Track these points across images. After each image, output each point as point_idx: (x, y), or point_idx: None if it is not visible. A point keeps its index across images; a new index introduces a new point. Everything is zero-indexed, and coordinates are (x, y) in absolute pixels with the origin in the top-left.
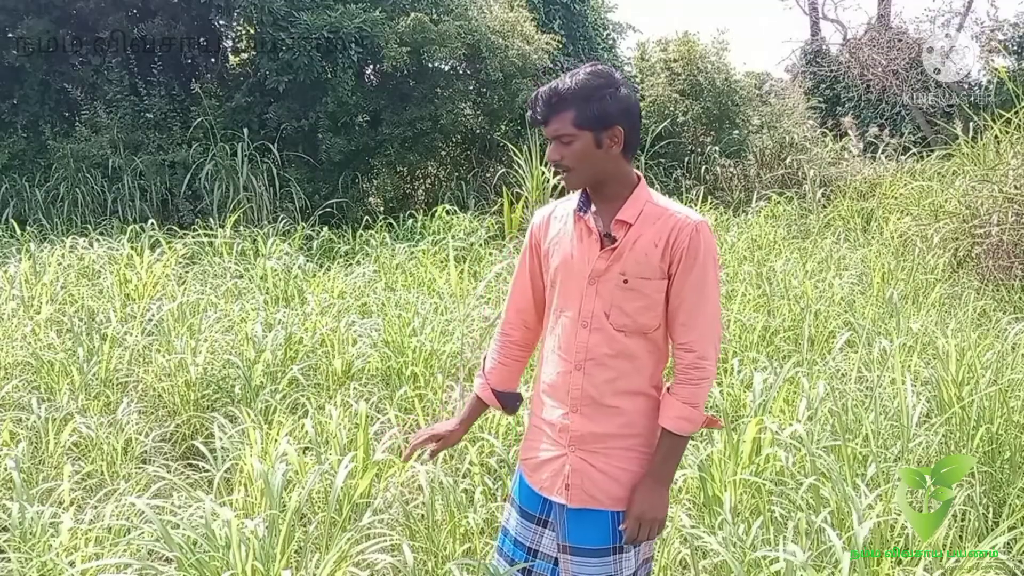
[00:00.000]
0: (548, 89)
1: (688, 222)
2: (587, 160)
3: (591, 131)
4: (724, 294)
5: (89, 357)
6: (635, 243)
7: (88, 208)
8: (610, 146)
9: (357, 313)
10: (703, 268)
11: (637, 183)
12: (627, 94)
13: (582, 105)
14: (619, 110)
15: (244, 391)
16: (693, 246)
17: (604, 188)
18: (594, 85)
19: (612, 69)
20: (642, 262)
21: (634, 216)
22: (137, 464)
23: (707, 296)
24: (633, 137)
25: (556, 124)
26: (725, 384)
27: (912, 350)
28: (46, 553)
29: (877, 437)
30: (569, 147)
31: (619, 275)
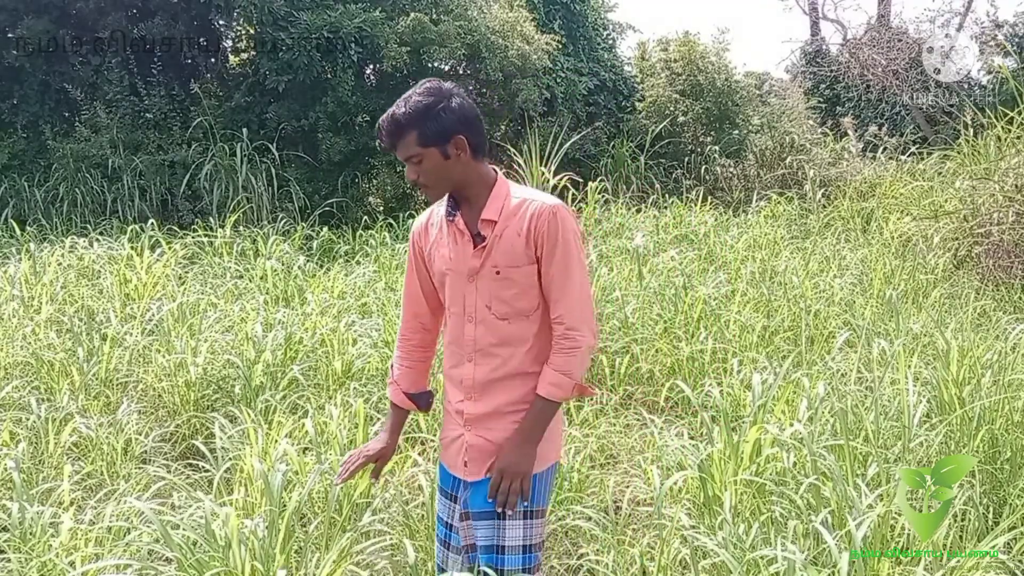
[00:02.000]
0: (387, 118)
1: (544, 207)
2: (440, 173)
3: (435, 147)
4: (724, 294)
5: (89, 357)
6: (501, 236)
7: (88, 208)
8: (457, 155)
9: (357, 313)
10: (565, 246)
11: (495, 180)
12: (460, 103)
13: (420, 126)
14: (455, 120)
15: (244, 391)
16: (552, 229)
17: (465, 192)
18: (427, 104)
19: (441, 83)
20: (509, 252)
21: (497, 212)
22: (137, 464)
23: (571, 272)
24: (477, 139)
25: (403, 148)
26: (725, 384)
27: (912, 351)
28: (46, 553)
29: (877, 437)
30: (420, 166)
31: (492, 268)
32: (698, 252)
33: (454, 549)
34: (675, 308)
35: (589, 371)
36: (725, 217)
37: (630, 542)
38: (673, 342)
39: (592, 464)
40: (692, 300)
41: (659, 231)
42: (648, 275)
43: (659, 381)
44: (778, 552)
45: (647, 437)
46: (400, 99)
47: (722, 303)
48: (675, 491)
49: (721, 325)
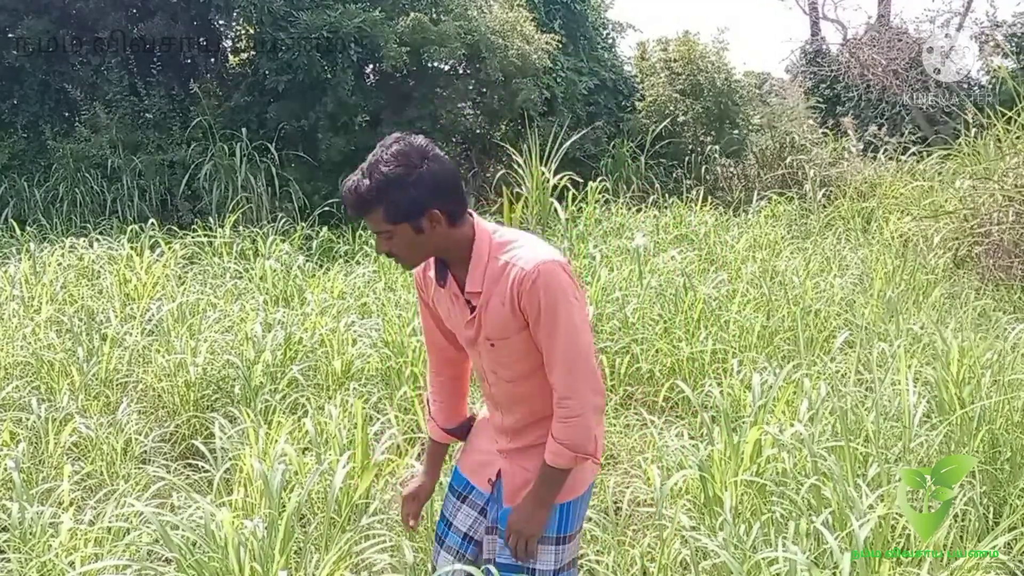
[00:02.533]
0: (351, 191)
1: (524, 273)
2: (413, 248)
3: (406, 222)
4: (725, 293)
5: (89, 357)
6: (488, 307)
7: (87, 208)
8: (432, 227)
9: (357, 313)
10: (550, 311)
11: (474, 239)
12: (432, 170)
13: (387, 202)
14: (428, 192)
15: (244, 391)
16: (534, 295)
17: (447, 256)
18: (394, 177)
19: (412, 144)
20: (498, 324)
21: (480, 281)
22: (137, 464)
23: (558, 337)
24: (453, 207)
25: (371, 224)
26: (725, 384)
27: (912, 351)
28: (46, 553)
29: (878, 438)
30: (391, 240)
31: (486, 341)
32: (698, 252)
33: (447, 548)
34: (675, 308)
35: None
36: (725, 217)
37: (630, 543)
38: (673, 342)
39: None
40: (692, 300)
41: (659, 231)
42: (648, 275)
43: (659, 381)
44: (779, 553)
45: (647, 437)
46: (367, 164)
47: (722, 303)
48: (676, 491)
49: (721, 325)
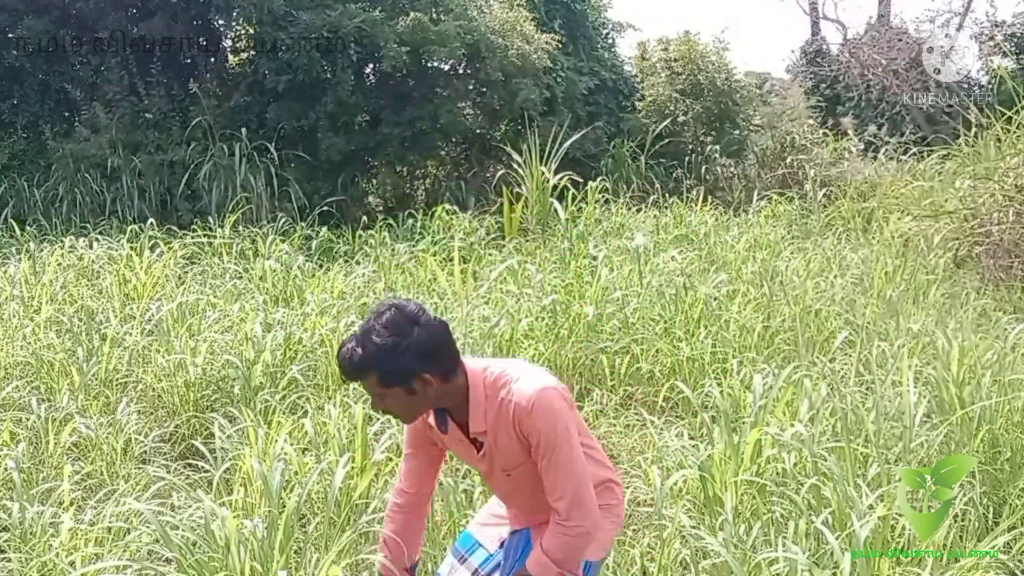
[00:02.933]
0: (346, 359)
1: (520, 406)
2: (408, 407)
3: (399, 386)
4: (726, 293)
5: (89, 357)
6: (496, 442)
7: (87, 208)
8: (425, 388)
9: (356, 313)
10: (546, 437)
11: (467, 386)
12: (422, 338)
13: (380, 369)
14: (418, 359)
15: (243, 391)
16: (531, 425)
17: (444, 406)
18: (388, 347)
19: (403, 310)
20: (510, 455)
21: (483, 422)
22: (137, 464)
23: (558, 462)
24: (445, 367)
25: (365, 387)
26: (725, 385)
27: (912, 351)
28: (46, 553)
29: (878, 438)
30: (385, 401)
31: (501, 472)
32: (698, 252)
33: None
34: (675, 308)
35: (590, 371)
36: (725, 217)
37: (630, 542)
38: (673, 342)
39: None
40: (692, 300)
41: (659, 231)
42: (649, 275)
43: (659, 381)
44: (779, 553)
45: (647, 437)
46: (360, 332)
47: (723, 303)
48: (675, 492)
49: (721, 325)
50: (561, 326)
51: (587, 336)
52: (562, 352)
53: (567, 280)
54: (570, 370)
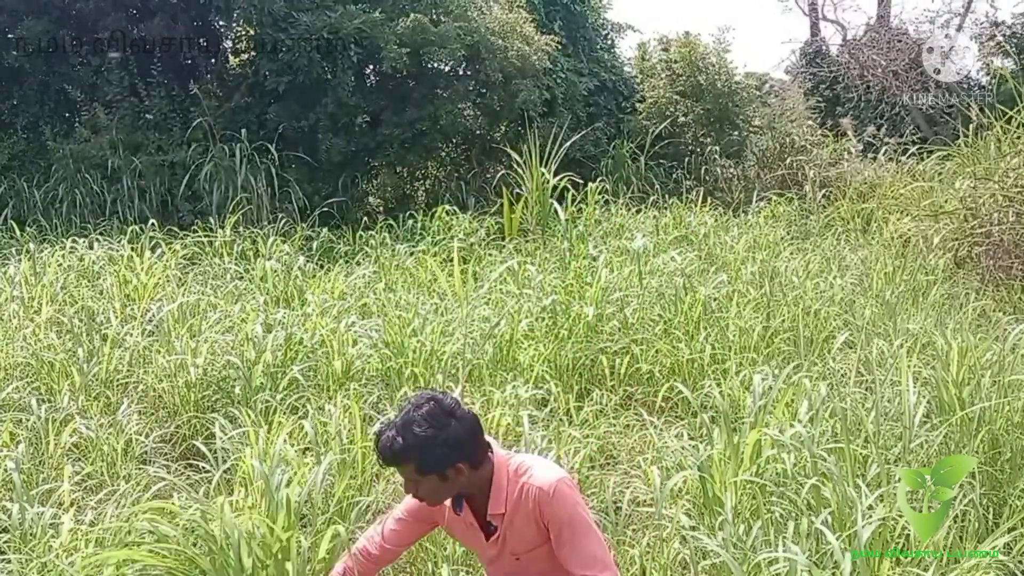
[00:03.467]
0: (386, 447)
1: (541, 492)
2: (439, 492)
3: (434, 474)
4: (725, 294)
5: (89, 358)
6: (512, 525)
7: (87, 209)
8: (457, 476)
9: (357, 314)
10: (570, 522)
11: (493, 472)
12: (458, 429)
13: (419, 459)
14: (454, 450)
15: (244, 392)
16: (554, 512)
17: (470, 491)
18: (425, 438)
19: (441, 403)
20: (524, 539)
21: (502, 505)
22: (137, 465)
23: (582, 541)
24: (475, 457)
25: (401, 472)
26: (725, 386)
27: (912, 351)
28: (46, 554)
29: (878, 438)
30: (419, 486)
31: (511, 556)
32: (698, 253)
33: None
34: (675, 309)
35: (589, 371)
36: (725, 218)
37: (630, 542)
38: (673, 343)
39: (592, 465)
40: (692, 301)
41: (659, 232)
42: (648, 276)
43: (659, 382)
44: (780, 553)
45: (647, 438)
46: (399, 420)
47: (722, 304)
48: (675, 492)
49: (721, 327)
50: (561, 326)
51: (587, 336)
52: (562, 352)
53: (567, 281)
54: (570, 370)
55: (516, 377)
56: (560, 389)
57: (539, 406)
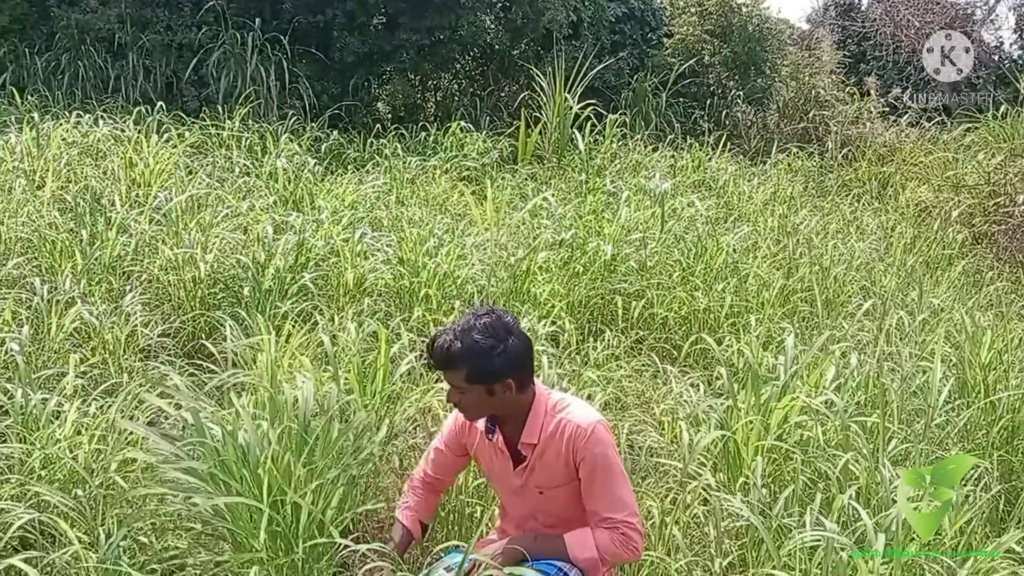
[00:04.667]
0: (441, 348)
1: (580, 429)
2: (481, 405)
3: (482, 384)
4: (746, 248)
5: (92, 241)
6: (542, 458)
7: (90, 83)
8: (503, 392)
9: (369, 225)
10: (603, 458)
11: (533, 400)
12: (515, 345)
13: (472, 365)
14: (508, 364)
15: (253, 294)
16: (590, 451)
17: (504, 414)
18: (484, 347)
19: (502, 318)
20: (551, 473)
21: (536, 435)
22: (140, 358)
23: (615, 485)
24: (525, 377)
25: (450, 378)
26: (743, 340)
27: (932, 327)
28: (50, 445)
29: (901, 412)
30: (464, 395)
31: (535, 488)
32: (716, 200)
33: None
34: (696, 256)
35: (602, 311)
36: (743, 166)
37: (646, 492)
38: (691, 291)
39: (604, 409)
40: (715, 249)
41: (675, 173)
42: (669, 219)
43: (672, 329)
44: (823, 533)
45: (659, 385)
46: (458, 326)
47: (742, 256)
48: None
49: (741, 278)
50: (576, 261)
51: (602, 275)
52: (576, 289)
53: (584, 215)
54: (582, 308)
55: (531, 310)
56: (573, 326)
57: (552, 343)
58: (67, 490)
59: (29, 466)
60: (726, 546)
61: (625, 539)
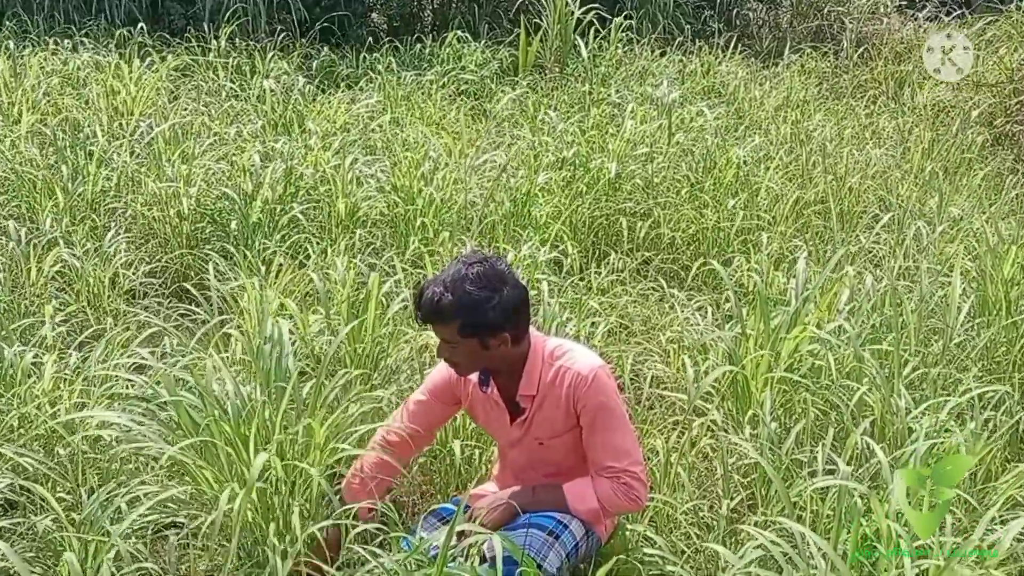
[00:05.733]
0: (429, 300)
1: (580, 377)
2: (475, 359)
3: (475, 338)
4: (756, 159)
5: (74, 177)
6: (541, 408)
7: (71, 3)
8: (498, 345)
9: (362, 149)
10: (604, 406)
11: (529, 350)
12: (511, 296)
13: (464, 319)
14: (503, 316)
15: (241, 227)
16: (591, 398)
17: (499, 368)
18: (477, 299)
19: (495, 266)
20: (551, 424)
21: (535, 386)
22: (125, 299)
23: (612, 425)
24: (521, 330)
25: (440, 332)
26: (753, 260)
27: (951, 238)
28: (28, 403)
29: (918, 334)
30: (455, 349)
31: (534, 440)
32: (726, 108)
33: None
34: (705, 170)
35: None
36: (755, 69)
37: (651, 429)
38: (699, 208)
39: (609, 337)
40: (724, 163)
41: (684, 80)
42: (677, 131)
43: (680, 249)
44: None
45: (665, 310)
46: (448, 275)
47: (753, 168)
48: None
49: (751, 193)
50: (579, 180)
51: (606, 194)
52: (579, 210)
53: (587, 130)
54: (585, 230)
55: (532, 235)
56: (576, 251)
57: (555, 269)
58: (48, 449)
59: (7, 425)
60: (735, 483)
61: (628, 489)
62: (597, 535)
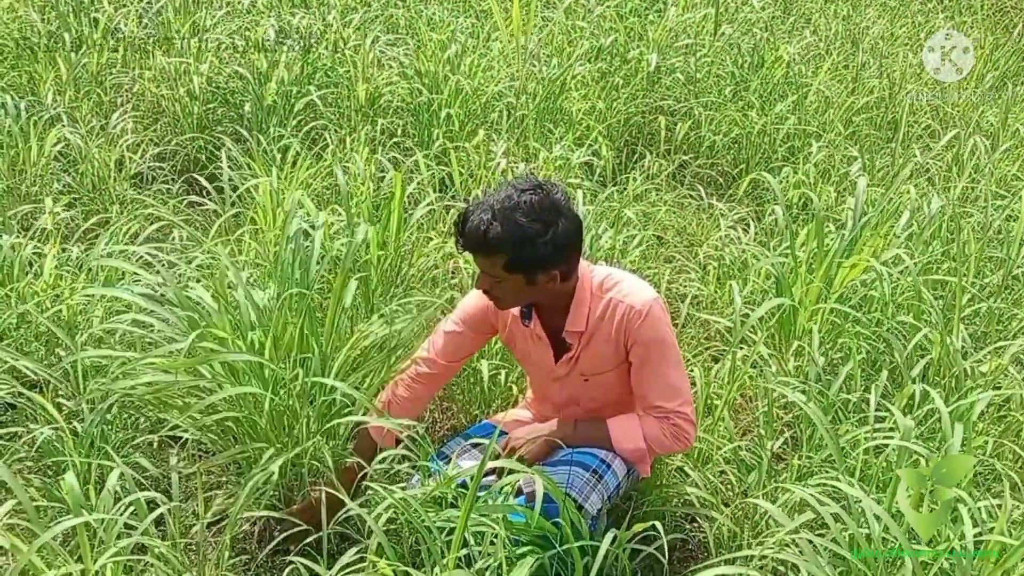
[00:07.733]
0: (477, 229)
1: (632, 311)
2: (519, 295)
3: (522, 274)
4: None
5: (78, 46)
6: (589, 344)
7: None
8: (547, 282)
9: (383, 28)
10: (659, 341)
11: (576, 284)
12: (565, 228)
13: (513, 253)
14: (555, 253)
15: (255, 110)
16: (644, 334)
17: (544, 304)
18: (528, 233)
19: (552, 197)
20: (598, 359)
21: (583, 322)
22: (132, 184)
23: (668, 362)
24: (571, 266)
25: (483, 264)
26: (801, 170)
27: (1015, 157)
28: (28, 299)
29: (978, 263)
30: (500, 284)
31: (579, 376)
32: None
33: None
34: (752, 68)
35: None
36: None
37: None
38: (744, 110)
39: (645, 250)
40: (773, 61)
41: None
42: (723, 22)
43: (720, 153)
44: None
45: (702, 221)
46: (497, 201)
47: (802, 68)
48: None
49: (801, 95)
50: (616, 72)
51: (644, 89)
52: (615, 105)
53: (625, 15)
54: (621, 128)
55: (565, 133)
56: (610, 151)
57: (587, 172)
58: (50, 350)
59: (5, 323)
60: (776, 419)
61: (676, 430)
62: (638, 472)
